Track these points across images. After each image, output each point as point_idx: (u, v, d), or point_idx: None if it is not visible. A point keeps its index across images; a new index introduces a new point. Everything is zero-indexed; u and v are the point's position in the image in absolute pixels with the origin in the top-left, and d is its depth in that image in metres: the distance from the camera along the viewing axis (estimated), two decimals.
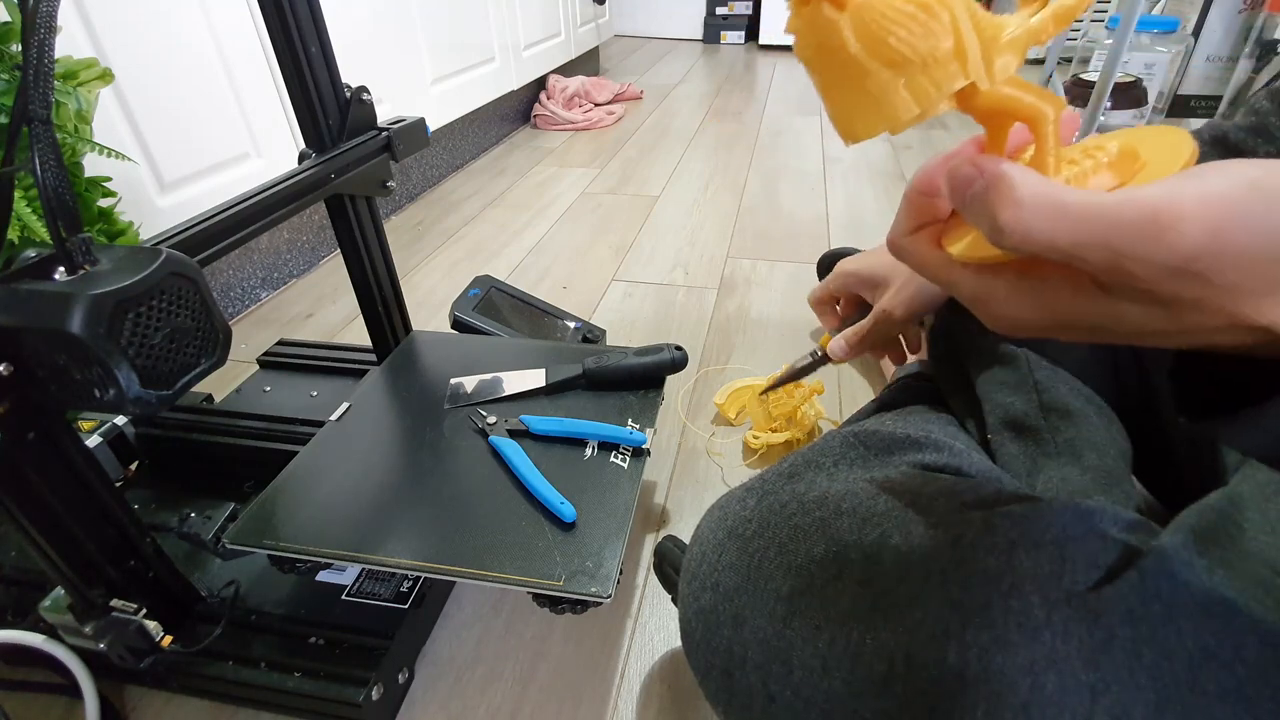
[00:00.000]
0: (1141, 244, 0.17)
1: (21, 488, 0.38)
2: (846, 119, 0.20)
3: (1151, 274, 0.17)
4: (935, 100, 0.19)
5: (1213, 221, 0.16)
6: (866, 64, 0.19)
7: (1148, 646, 0.23)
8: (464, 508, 0.50)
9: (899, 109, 0.19)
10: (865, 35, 0.18)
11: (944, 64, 0.19)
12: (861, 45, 0.18)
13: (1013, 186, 0.18)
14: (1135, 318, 0.19)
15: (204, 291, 0.37)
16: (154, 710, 0.53)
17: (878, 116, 0.19)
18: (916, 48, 0.18)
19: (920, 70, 0.19)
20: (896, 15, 0.18)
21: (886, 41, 0.18)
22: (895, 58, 0.18)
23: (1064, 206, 0.18)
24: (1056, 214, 0.18)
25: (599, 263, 1.22)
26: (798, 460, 0.41)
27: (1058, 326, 0.21)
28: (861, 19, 0.18)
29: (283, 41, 0.54)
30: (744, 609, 0.32)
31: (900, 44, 0.18)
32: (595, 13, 2.39)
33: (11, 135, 0.33)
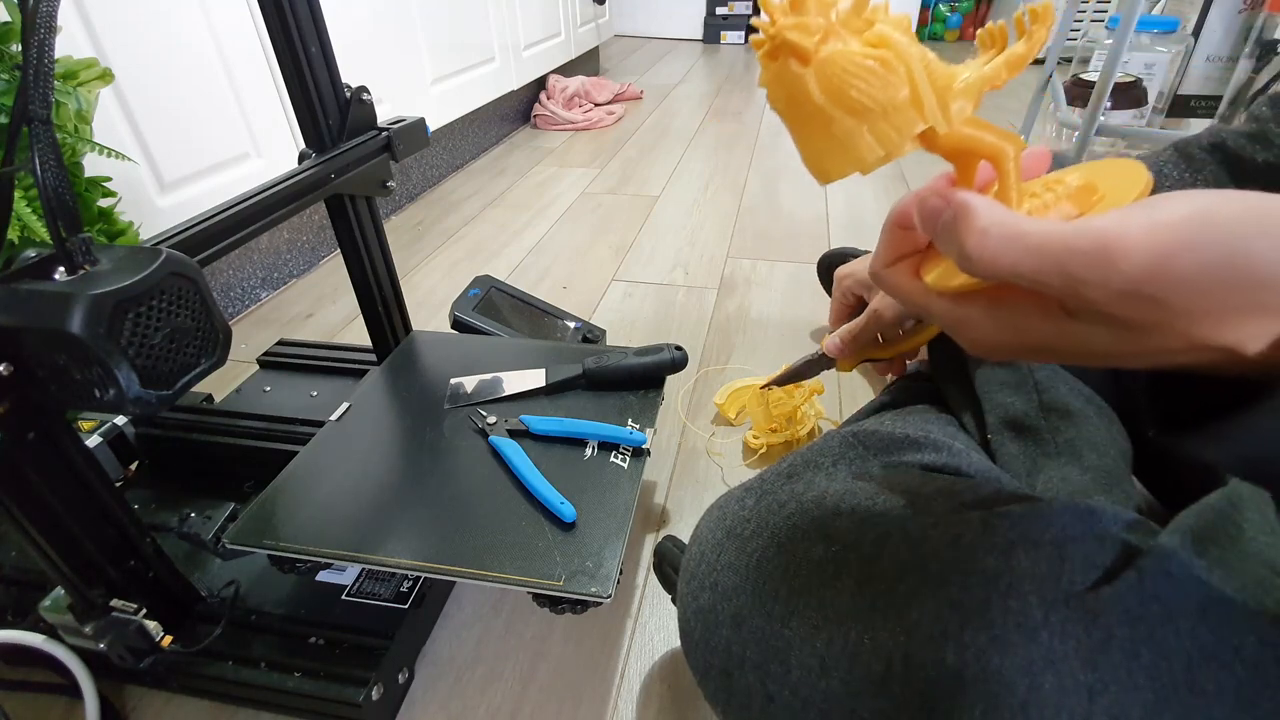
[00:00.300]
0: (1094, 270, 0.18)
1: (21, 488, 0.38)
2: (818, 162, 0.22)
3: (1106, 298, 0.18)
4: (897, 143, 0.20)
5: (1159, 249, 0.17)
6: (831, 113, 0.20)
7: (1146, 647, 0.23)
8: (464, 508, 0.50)
9: (864, 152, 0.21)
10: (828, 87, 0.20)
11: (902, 111, 0.20)
12: (825, 96, 0.20)
13: (977, 216, 0.20)
14: (1102, 341, 0.20)
15: (204, 291, 0.37)
16: (154, 710, 0.53)
17: (845, 159, 0.21)
18: (876, 97, 0.20)
19: (881, 117, 0.20)
20: (856, 68, 0.20)
21: (848, 93, 0.20)
22: (857, 107, 0.20)
23: (1024, 235, 0.19)
24: (1017, 242, 0.19)
25: (599, 263, 1.22)
26: (797, 460, 0.41)
27: (1031, 350, 0.22)
28: (824, 72, 0.20)
29: (283, 41, 0.54)
30: (743, 609, 0.32)
31: (860, 94, 0.20)
32: (595, 13, 2.39)
33: (11, 135, 0.33)
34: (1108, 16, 1.97)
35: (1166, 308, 0.18)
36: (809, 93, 0.20)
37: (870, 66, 0.20)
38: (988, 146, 0.22)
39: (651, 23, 3.47)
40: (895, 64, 0.19)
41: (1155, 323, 0.19)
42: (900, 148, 0.20)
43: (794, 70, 0.20)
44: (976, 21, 3.20)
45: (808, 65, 0.20)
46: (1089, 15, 2.24)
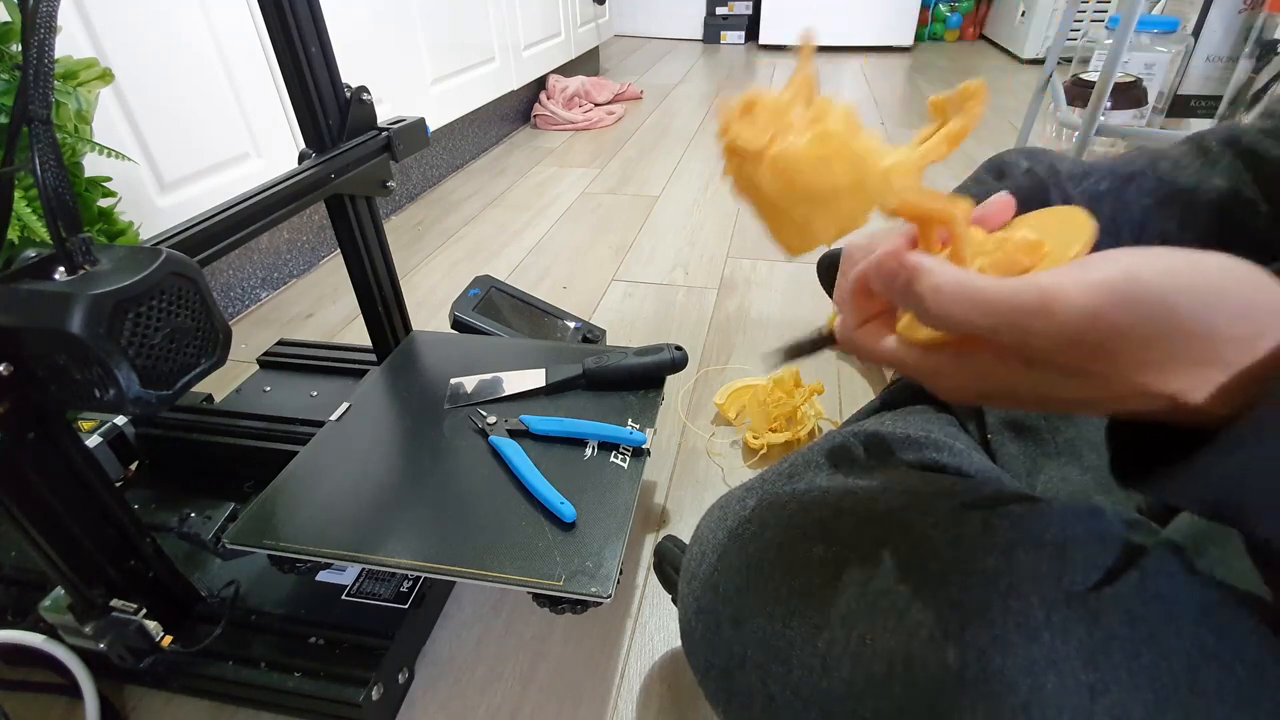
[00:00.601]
0: (1036, 320, 0.20)
1: (21, 488, 0.38)
2: (783, 241, 0.24)
3: (1052, 345, 0.20)
4: (849, 224, 0.23)
5: (1092, 304, 0.19)
6: (784, 204, 0.23)
7: (1147, 647, 0.23)
8: (464, 508, 0.50)
9: (819, 234, 0.23)
10: (780, 182, 0.22)
11: (848, 197, 0.22)
12: (778, 190, 0.23)
13: (930, 275, 0.22)
14: (1058, 387, 0.22)
15: (204, 291, 0.37)
16: (154, 710, 0.53)
17: (804, 240, 0.24)
18: (822, 188, 0.22)
19: (830, 204, 0.23)
20: (802, 165, 0.22)
21: (797, 186, 0.22)
22: (807, 197, 0.22)
23: (975, 290, 0.21)
24: (968, 297, 0.21)
25: (599, 263, 1.22)
26: (797, 460, 0.41)
27: (996, 396, 0.24)
28: (775, 169, 0.22)
29: (283, 41, 0.54)
30: (743, 609, 0.32)
31: (808, 187, 0.22)
32: (595, 13, 2.39)
33: (11, 135, 0.33)
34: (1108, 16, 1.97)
35: (1107, 356, 0.20)
36: (764, 188, 0.23)
37: (815, 159, 0.22)
38: (937, 213, 0.24)
39: (651, 23, 3.47)
40: (837, 158, 0.22)
41: (1101, 371, 0.20)
42: (853, 226, 0.23)
43: (749, 169, 0.23)
44: (976, 22, 3.20)
45: (761, 164, 0.22)
46: (1089, 15, 2.24)
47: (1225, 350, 0.19)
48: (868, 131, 0.23)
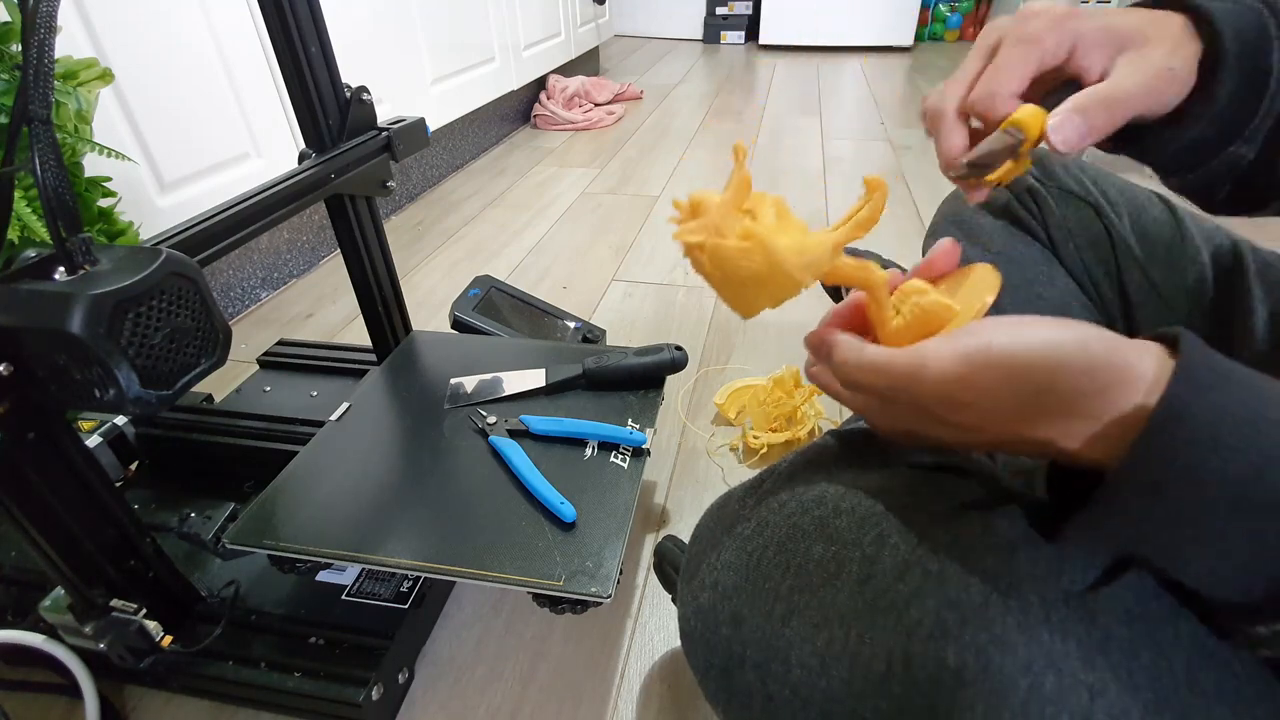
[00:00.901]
0: (908, 384, 0.25)
1: (21, 488, 0.38)
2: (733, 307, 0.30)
3: (932, 402, 0.25)
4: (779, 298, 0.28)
5: (953, 370, 0.24)
6: (724, 284, 0.29)
7: (1146, 646, 0.23)
8: (464, 508, 0.50)
9: (756, 306, 0.29)
10: (718, 268, 0.28)
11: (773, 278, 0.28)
12: (719, 275, 0.28)
13: (837, 349, 0.29)
14: (949, 431, 0.26)
15: (204, 291, 0.37)
16: (154, 710, 0.53)
17: (748, 309, 0.29)
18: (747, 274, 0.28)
19: (759, 284, 0.28)
20: (730, 256, 0.28)
21: (729, 273, 0.28)
22: (739, 279, 0.28)
23: (868, 361, 0.27)
24: (863, 366, 0.27)
25: (599, 263, 1.22)
26: (797, 460, 0.41)
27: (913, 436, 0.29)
28: (714, 259, 0.28)
29: (283, 41, 0.54)
30: (743, 608, 0.32)
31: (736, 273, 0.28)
32: (595, 13, 2.39)
33: (11, 135, 0.33)
34: None
35: (976, 410, 0.24)
36: (709, 272, 0.28)
37: (738, 256, 0.27)
38: (858, 281, 0.30)
39: (651, 23, 3.47)
40: (756, 251, 0.27)
41: (974, 423, 0.25)
42: (786, 296, 0.28)
43: (697, 256, 0.28)
44: (976, 22, 3.20)
45: (704, 253, 0.28)
46: None
47: (1081, 403, 0.22)
48: (795, 221, 0.29)
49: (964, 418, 0.25)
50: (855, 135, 1.89)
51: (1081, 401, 0.22)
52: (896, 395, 0.26)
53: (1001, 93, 0.31)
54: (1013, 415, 0.24)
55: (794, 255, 0.27)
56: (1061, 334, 0.23)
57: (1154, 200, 0.50)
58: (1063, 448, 0.23)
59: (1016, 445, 0.25)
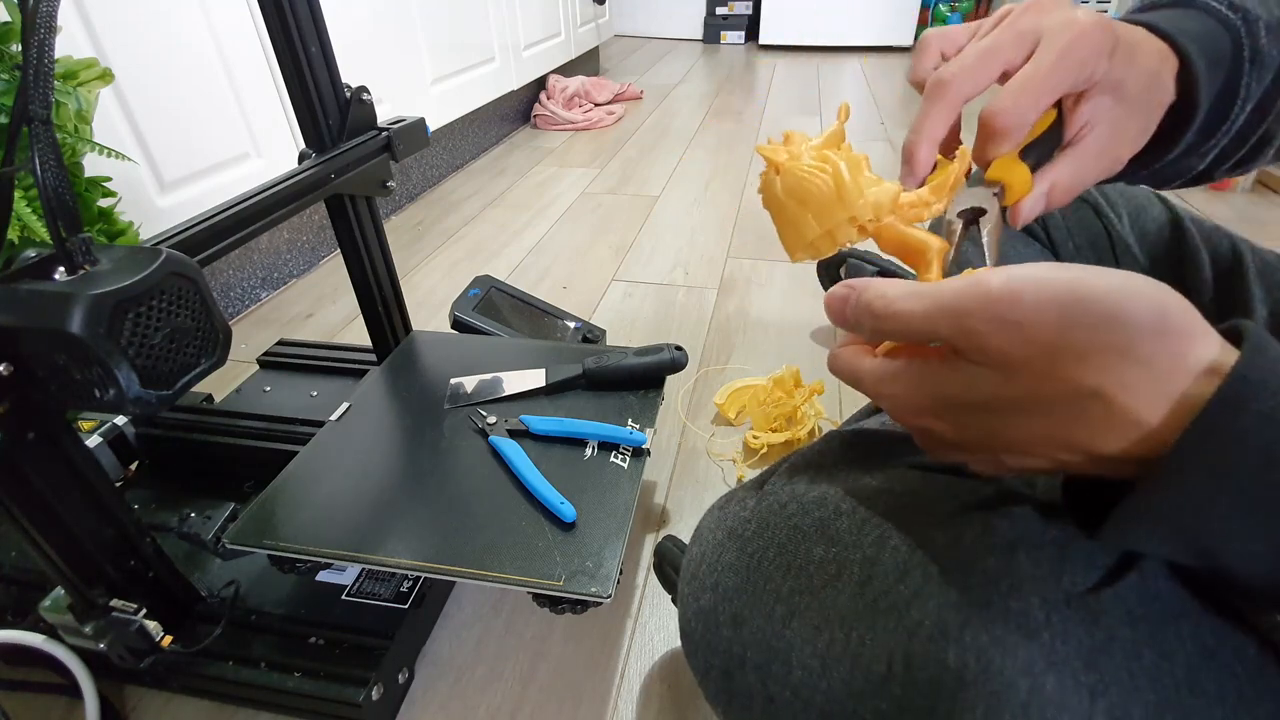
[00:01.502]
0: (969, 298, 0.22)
1: (21, 488, 0.38)
2: (783, 242, 0.31)
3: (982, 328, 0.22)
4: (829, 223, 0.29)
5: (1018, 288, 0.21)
6: (786, 202, 0.30)
7: (1148, 648, 0.23)
8: (464, 508, 0.50)
9: (806, 232, 0.29)
10: (786, 185, 0.29)
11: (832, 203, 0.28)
12: (786, 190, 0.29)
13: (875, 285, 0.25)
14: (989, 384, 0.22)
15: (204, 291, 0.37)
16: (154, 710, 0.53)
17: (797, 237, 0.30)
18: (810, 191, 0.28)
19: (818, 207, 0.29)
20: (803, 172, 0.29)
21: (796, 189, 0.29)
22: (801, 198, 0.29)
23: (920, 291, 0.24)
24: (914, 296, 0.24)
25: (599, 263, 1.22)
26: (797, 460, 0.41)
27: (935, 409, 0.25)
28: (785, 176, 0.29)
29: (283, 41, 0.54)
30: (743, 609, 0.32)
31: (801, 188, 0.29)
32: (595, 13, 2.39)
33: (11, 135, 0.33)
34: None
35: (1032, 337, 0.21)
36: (776, 190, 0.30)
37: (810, 173, 0.28)
38: (913, 241, 0.29)
39: (651, 23, 3.47)
40: (827, 173, 0.28)
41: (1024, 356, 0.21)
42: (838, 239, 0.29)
43: (771, 176, 0.30)
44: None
45: (779, 173, 0.29)
46: None
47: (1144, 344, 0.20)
48: (871, 175, 0.29)
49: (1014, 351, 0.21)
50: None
51: (1145, 341, 0.20)
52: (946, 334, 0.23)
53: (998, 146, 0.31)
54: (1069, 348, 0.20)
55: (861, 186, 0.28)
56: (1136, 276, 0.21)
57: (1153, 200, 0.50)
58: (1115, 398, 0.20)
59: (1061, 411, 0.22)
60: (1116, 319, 0.20)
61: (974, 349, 0.22)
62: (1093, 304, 0.20)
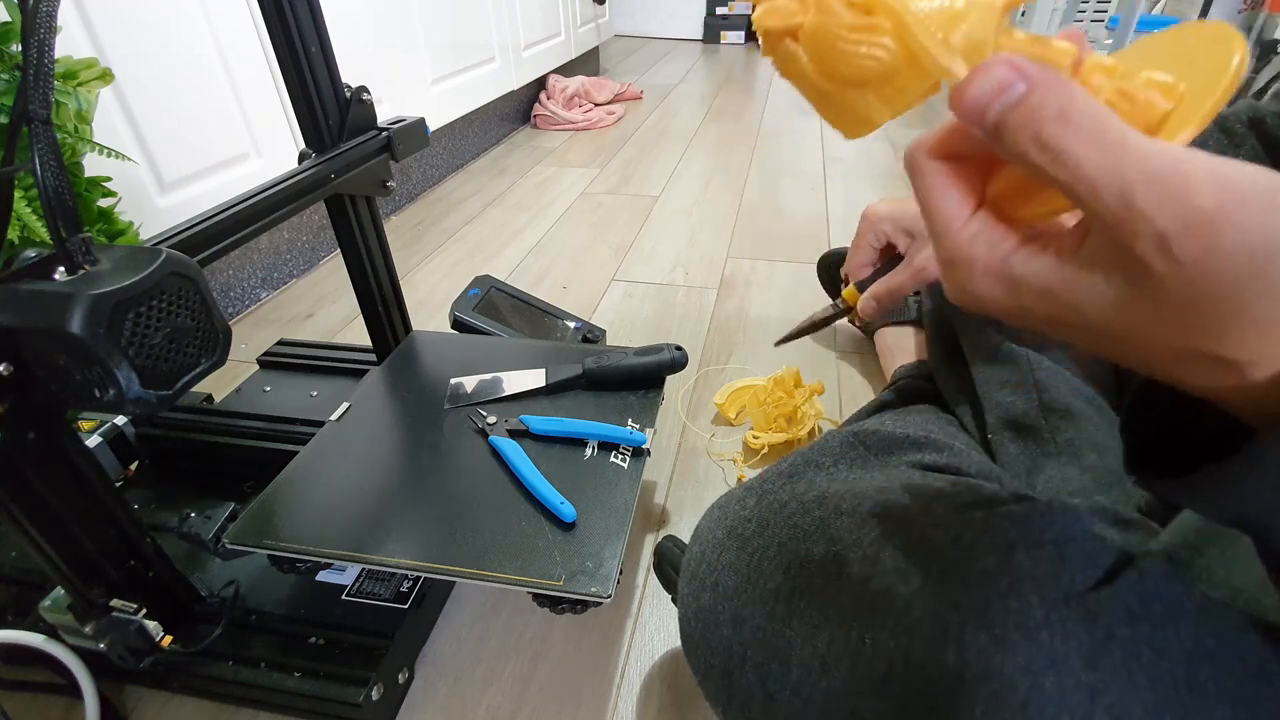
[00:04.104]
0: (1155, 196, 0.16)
1: (21, 488, 0.38)
2: (837, 124, 0.21)
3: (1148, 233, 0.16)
4: (904, 102, 0.19)
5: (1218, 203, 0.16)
6: (829, 87, 0.20)
7: (1147, 646, 0.23)
8: (464, 508, 0.50)
9: (872, 115, 0.20)
10: (821, 64, 0.19)
11: (901, 73, 0.18)
12: (819, 72, 0.19)
13: (1070, 98, 0.17)
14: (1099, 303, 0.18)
15: (204, 291, 0.37)
16: (154, 710, 0.53)
17: (856, 122, 0.20)
18: (868, 66, 0.18)
19: (881, 83, 0.19)
20: (843, 40, 0.18)
21: (839, 67, 0.19)
22: (852, 78, 0.19)
23: (1107, 137, 0.17)
24: (1099, 142, 0.17)
25: (599, 263, 1.22)
26: (797, 460, 0.41)
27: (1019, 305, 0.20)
28: (814, 49, 0.19)
29: (283, 41, 0.54)
30: (743, 609, 0.32)
31: (852, 67, 0.19)
32: (595, 13, 2.39)
33: (11, 135, 0.33)
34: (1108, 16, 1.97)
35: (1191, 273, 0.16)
36: (805, 69, 0.20)
37: (854, 40, 0.18)
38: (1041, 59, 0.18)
39: (651, 23, 3.46)
40: (881, 30, 0.18)
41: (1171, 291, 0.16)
42: (909, 104, 0.19)
43: (789, 49, 0.20)
44: None
45: (798, 41, 0.19)
46: (1089, 15, 2.24)
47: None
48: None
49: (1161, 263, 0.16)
50: None
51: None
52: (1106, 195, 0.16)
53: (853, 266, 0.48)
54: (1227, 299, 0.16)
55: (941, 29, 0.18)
56: None
57: None
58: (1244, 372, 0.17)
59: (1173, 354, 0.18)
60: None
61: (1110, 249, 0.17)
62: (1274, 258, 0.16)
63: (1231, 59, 0.18)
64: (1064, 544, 0.26)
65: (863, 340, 0.96)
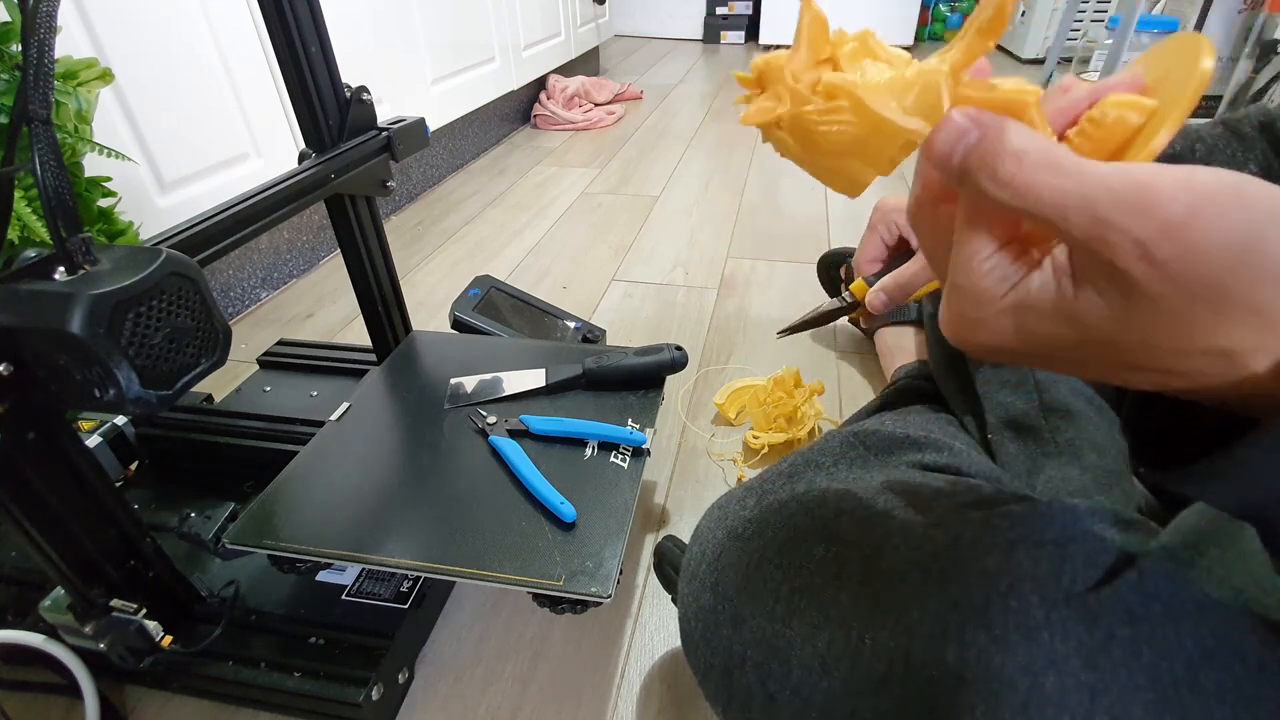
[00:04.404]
0: (1125, 212, 0.17)
1: (21, 488, 0.38)
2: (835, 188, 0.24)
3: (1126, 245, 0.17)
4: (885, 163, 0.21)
5: (1189, 205, 0.17)
6: (815, 159, 0.23)
7: (1147, 646, 0.23)
8: (464, 508, 0.50)
9: (860, 177, 0.22)
10: (803, 141, 0.22)
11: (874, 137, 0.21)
12: (805, 149, 0.22)
13: (1013, 138, 0.19)
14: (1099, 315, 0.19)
15: (204, 291, 0.37)
16: (154, 710, 0.53)
17: (852, 185, 0.23)
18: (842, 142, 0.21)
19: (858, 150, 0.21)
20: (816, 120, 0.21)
21: (819, 144, 0.22)
22: (833, 150, 0.22)
23: (1060, 166, 0.18)
24: (1054, 171, 0.18)
25: (599, 263, 1.22)
26: (798, 460, 0.41)
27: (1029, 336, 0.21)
28: (796, 132, 0.22)
29: (283, 41, 0.54)
30: (743, 609, 0.32)
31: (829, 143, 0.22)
32: (595, 13, 2.39)
33: (11, 135, 0.33)
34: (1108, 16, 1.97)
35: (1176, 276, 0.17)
36: (795, 151, 0.23)
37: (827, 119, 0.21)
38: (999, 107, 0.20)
39: (651, 23, 3.46)
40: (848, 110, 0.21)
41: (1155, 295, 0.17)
42: (892, 160, 0.21)
43: (778, 135, 0.23)
44: None
45: (780, 127, 0.23)
46: (1089, 15, 2.24)
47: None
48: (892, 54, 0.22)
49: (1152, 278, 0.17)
50: None
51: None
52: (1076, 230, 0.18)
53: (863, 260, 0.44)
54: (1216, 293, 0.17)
55: (895, 99, 0.20)
56: None
57: None
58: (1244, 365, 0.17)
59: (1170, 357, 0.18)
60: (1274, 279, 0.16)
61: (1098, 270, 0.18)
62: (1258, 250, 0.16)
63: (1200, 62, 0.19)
64: (1064, 544, 0.26)
65: (863, 340, 0.96)
